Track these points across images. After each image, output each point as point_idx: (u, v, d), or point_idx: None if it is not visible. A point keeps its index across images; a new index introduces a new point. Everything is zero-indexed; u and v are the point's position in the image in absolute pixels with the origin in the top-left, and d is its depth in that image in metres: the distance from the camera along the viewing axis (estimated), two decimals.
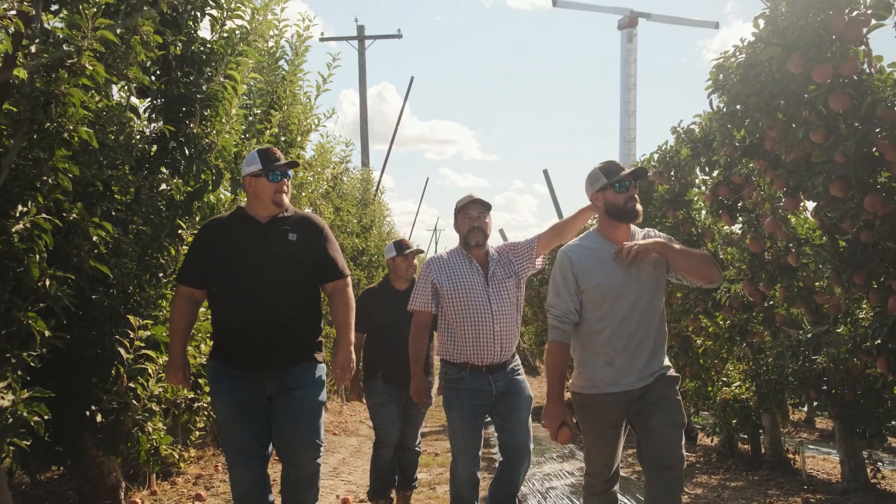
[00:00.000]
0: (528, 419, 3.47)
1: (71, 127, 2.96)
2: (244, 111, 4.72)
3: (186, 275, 3.12)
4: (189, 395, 4.64)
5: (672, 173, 5.60)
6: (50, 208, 3.01)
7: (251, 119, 5.38)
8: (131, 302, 3.70)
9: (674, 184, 5.64)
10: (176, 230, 3.97)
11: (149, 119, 3.97)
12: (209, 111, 4.02)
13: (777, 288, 4.80)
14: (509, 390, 3.44)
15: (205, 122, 4.01)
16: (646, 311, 2.81)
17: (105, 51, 3.10)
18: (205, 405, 4.94)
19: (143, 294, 3.79)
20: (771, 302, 5.04)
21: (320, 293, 3.21)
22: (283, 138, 5.85)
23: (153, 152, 3.93)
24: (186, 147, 3.94)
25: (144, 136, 3.90)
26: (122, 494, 4.03)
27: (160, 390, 3.80)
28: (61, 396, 3.22)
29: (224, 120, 4.07)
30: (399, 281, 4.47)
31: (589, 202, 3.03)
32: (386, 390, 4.31)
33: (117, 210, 3.57)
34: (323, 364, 3.16)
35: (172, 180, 3.96)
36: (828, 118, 3.31)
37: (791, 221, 4.56)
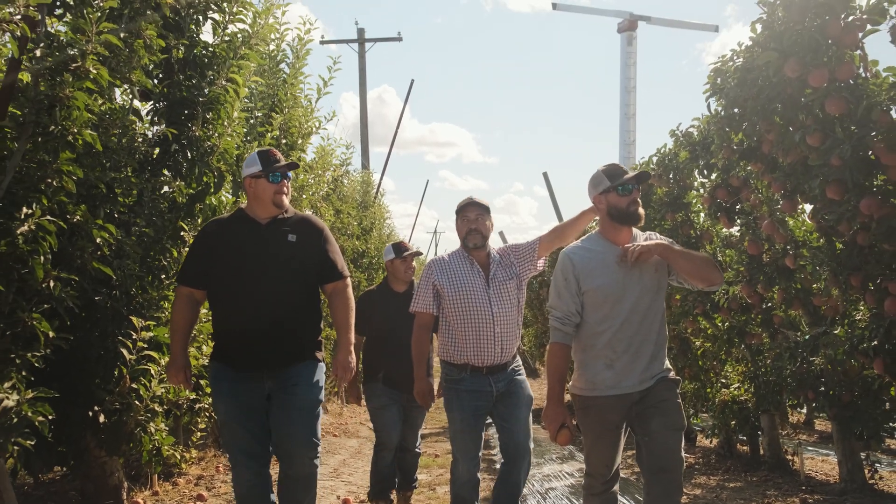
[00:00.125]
0: (529, 419, 3.48)
1: (75, 130, 2.99)
2: (245, 114, 4.74)
3: (186, 275, 3.14)
4: (191, 397, 4.67)
5: (671, 176, 5.63)
6: (54, 210, 3.03)
7: (252, 122, 5.40)
8: (134, 303, 3.73)
9: (672, 186, 5.67)
10: (178, 232, 3.99)
11: (151, 122, 4.00)
12: (211, 114, 4.05)
13: (775, 290, 4.82)
14: (509, 391, 3.45)
15: (207, 125, 4.04)
16: (647, 314, 2.80)
17: (109, 54, 3.12)
18: (206, 406, 4.96)
19: (146, 295, 3.82)
20: (769, 304, 5.06)
21: (320, 294, 3.23)
22: (284, 141, 5.87)
23: (155, 155, 3.96)
24: (188, 150, 3.97)
25: (147, 139, 3.94)
26: (125, 495, 4.04)
27: (162, 391, 3.82)
28: (64, 397, 3.24)
29: (226, 123, 4.10)
30: (398, 283, 4.47)
31: (590, 204, 3.02)
32: (386, 392, 4.30)
33: (120, 212, 3.59)
34: (322, 364, 3.17)
35: (175, 183, 3.99)
36: (824, 122, 3.34)
37: (789, 224, 4.58)
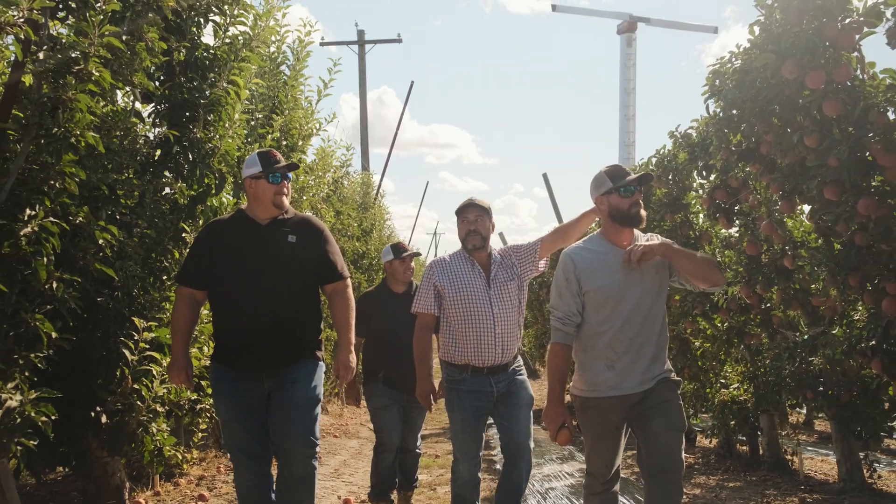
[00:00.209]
0: (529, 419, 3.49)
1: (78, 132, 3.01)
2: (246, 116, 4.76)
3: (187, 276, 3.15)
4: (192, 397, 4.68)
5: (670, 177, 5.65)
6: (57, 212, 3.04)
7: (253, 124, 5.42)
8: (136, 304, 3.74)
9: (672, 187, 5.69)
10: (180, 233, 4.01)
11: (153, 124, 4.02)
12: (212, 116, 4.06)
13: (774, 290, 4.84)
14: (510, 391, 3.47)
15: (208, 127, 4.05)
16: (648, 315, 2.81)
17: (111, 57, 3.13)
18: (207, 407, 4.98)
19: (148, 296, 3.84)
20: (768, 304, 5.08)
21: (320, 295, 3.24)
22: (285, 143, 5.89)
23: (157, 157, 3.97)
24: (190, 151, 3.99)
25: (148, 141, 3.96)
26: (127, 495, 4.06)
27: (164, 391, 3.84)
28: (66, 397, 3.25)
29: (227, 125, 4.12)
30: (397, 284, 4.48)
31: (592, 205, 3.03)
32: (387, 393, 4.31)
33: (122, 214, 3.60)
34: (322, 363, 3.17)
35: (176, 184, 4.01)
36: (822, 123, 3.35)
37: (787, 224, 4.60)
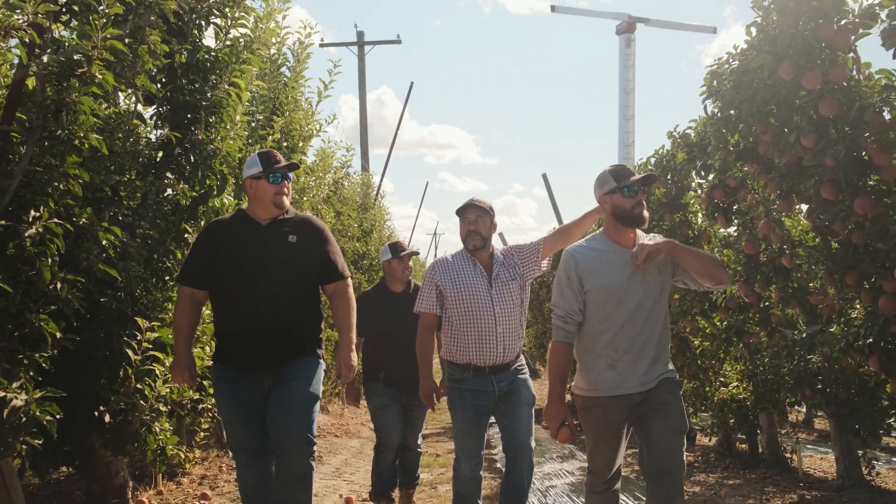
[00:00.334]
0: (530, 417, 3.50)
1: (81, 134, 3.04)
2: (247, 117, 4.79)
3: (188, 275, 3.17)
4: (194, 397, 4.71)
5: (668, 177, 5.68)
6: (60, 213, 3.07)
7: (254, 125, 5.45)
8: (138, 304, 3.77)
9: (670, 187, 5.71)
10: (182, 234, 4.04)
11: (155, 126, 4.05)
12: (214, 118, 4.09)
13: (772, 289, 4.86)
14: (512, 390, 3.48)
15: (209, 129, 4.08)
16: (650, 315, 2.81)
17: (114, 60, 3.16)
18: (209, 406, 5.00)
19: (150, 297, 3.87)
20: (766, 303, 5.11)
21: (320, 295, 3.26)
22: (286, 144, 5.92)
23: (159, 158, 4.00)
24: (192, 153, 4.02)
25: (150, 143, 3.99)
26: (130, 494, 4.09)
27: (167, 391, 3.87)
28: (70, 397, 3.27)
29: (228, 126, 4.15)
30: (395, 283, 4.47)
31: (594, 203, 3.04)
32: (386, 392, 4.31)
33: (125, 215, 3.63)
34: (322, 361, 3.18)
35: (178, 185, 4.04)
36: (818, 123, 3.38)
37: (785, 224, 4.62)
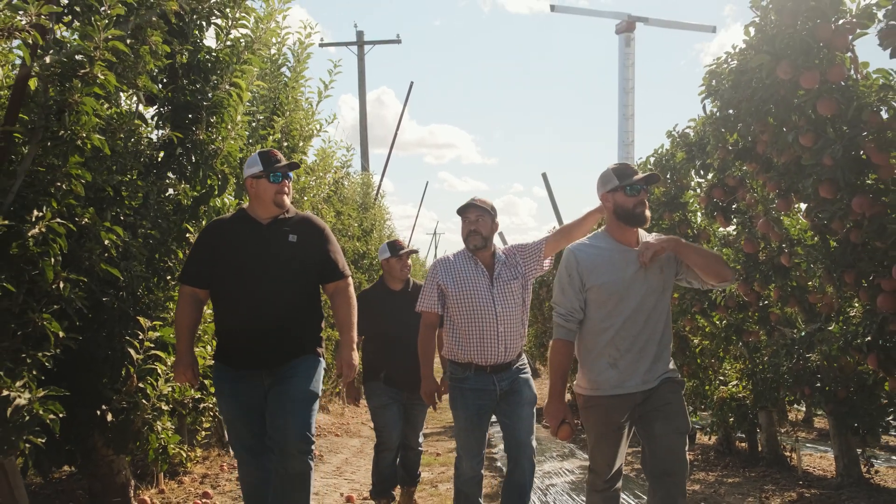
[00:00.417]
0: (532, 417, 3.51)
1: (84, 134, 3.05)
2: (248, 118, 4.81)
3: (189, 274, 3.18)
4: (195, 396, 4.73)
5: (668, 176, 5.69)
6: (63, 213, 3.08)
7: (254, 125, 5.47)
8: (140, 304, 3.78)
9: (670, 186, 5.73)
10: (183, 234, 4.05)
11: (156, 126, 4.07)
12: (215, 118, 4.10)
13: (771, 287, 4.88)
14: (513, 389, 3.49)
15: (211, 129, 4.10)
16: (651, 314, 2.81)
17: (116, 60, 3.18)
18: (210, 405, 5.02)
19: (152, 296, 3.88)
20: (766, 301, 5.12)
21: (321, 294, 3.26)
22: (286, 144, 5.94)
23: (160, 158, 4.02)
24: (193, 153, 4.03)
25: (152, 143, 4.00)
26: (132, 493, 4.10)
27: (169, 390, 3.89)
28: (72, 396, 3.28)
29: (229, 126, 4.16)
30: (394, 281, 4.48)
31: (596, 202, 3.05)
32: (386, 392, 4.32)
33: (126, 215, 3.65)
34: (322, 360, 3.18)
35: (179, 185, 4.06)
36: (816, 122, 3.40)
37: (784, 222, 4.64)
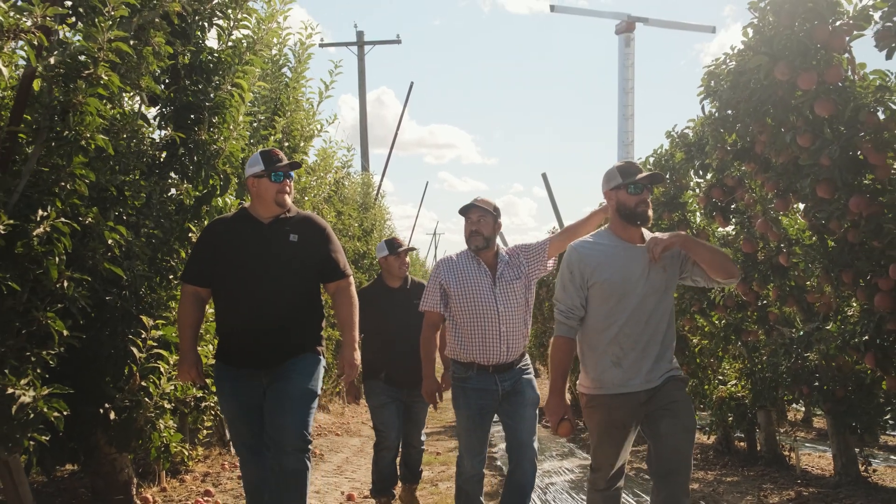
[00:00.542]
0: (534, 418, 3.51)
1: (88, 135, 3.08)
2: (249, 118, 4.84)
3: (190, 273, 3.20)
4: (197, 395, 4.75)
5: (667, 176, 5.72)
6: (67, 213, 3.11)
7: (255, 125, 5.49)
8: (143, 303, 3.81)
9: (669, 186, 5.75)
10: (186, 234, 4.08)
11: (159, 126, 4.09)
12: (217, 118, 4.13)
13: (770, 287, 4.90)
14: (516, 389, 3.49)
15: (213, 129, 4.13)
16: (654, 312, 2.81)
17: (119, 61, 3.21)
18: (212, 404, 5.04)
19: (155, 295, 3.91)
20: (764, 301, 5.15)
21: (321, 293, 3.27)
22: (287, 144, 5.97)
23: (163, 158, 4.05)
24: (195, 153, 4.06)
25: (154, 143, 4.03)
26: (134, 491, 4.13)
27: (171, 388, 3.91)
28: (75, 395, 3.31)
29: (231, 127, 4.19)
30: (392, 279, 4.49)
31: (593, 204, 3.11)
32: (386, 391, 4.33)
33: (129, 214, 3.67)
34: (322, 359, 3.19)
35: (182, 185, 4.09)
36: (814, 123, 3.43)
37: (782, 222, 4.66)
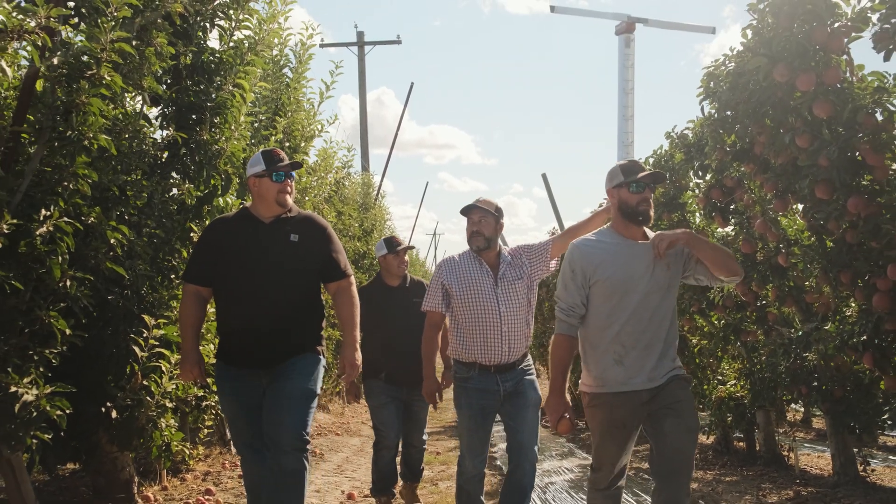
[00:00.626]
0: (536, 419, 3.51)
1: (91, 135, 3.10)
2: (251, 118, 4.86)
3: (191, 273, 3.20)
4: (198, 394, 4.77)
5: (667, 177, 5.74)
6: (70, 212, 3.13)
7: (257, 125, 5.51)
8: (145, 302, 3.83)
9: (668, 187, 5.77)
10: (187, 233, 4.10)
11: (160, 126, 4.11)
12: (218, 118, 4.16)
13: (769, 287, 4.92)
14: (517, 390, 3.49)
15: (214, 130, 4.15)
16: (656, 311, 2.81)
17: (122, 62, 3.23)
18: (213, 403, 5.06)
19: (156, 294, 3.93)
20: (763, 301, 5.16)
21: (322, 293, 3.28)
22: (288, 144, 5.99)
23: (165, 158, 4.07)
24: (197, 153, 4.09)
25: (156, 143, 4.05)
26: (135, 489, 4.15)
27: (172, 388, 3.93)
28: (77, 393, 3.33)
29: (233, 127, 4.21)
30: (391, 278, 4.49)
31: (593, 204, 3.12)
32: (385, 390, 4.34)
33: (131, 214, 3.69)
34: (322, 358, 3.21)
35: (183, 185, 4.10)
36: (812, 124, 3.44)
37: (781, 223, 4.68)
